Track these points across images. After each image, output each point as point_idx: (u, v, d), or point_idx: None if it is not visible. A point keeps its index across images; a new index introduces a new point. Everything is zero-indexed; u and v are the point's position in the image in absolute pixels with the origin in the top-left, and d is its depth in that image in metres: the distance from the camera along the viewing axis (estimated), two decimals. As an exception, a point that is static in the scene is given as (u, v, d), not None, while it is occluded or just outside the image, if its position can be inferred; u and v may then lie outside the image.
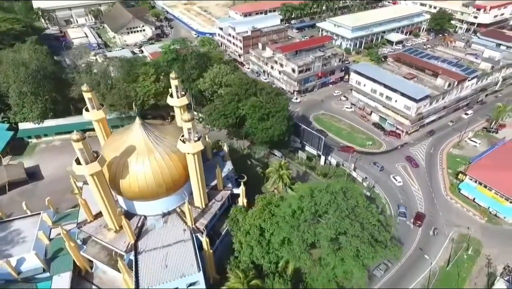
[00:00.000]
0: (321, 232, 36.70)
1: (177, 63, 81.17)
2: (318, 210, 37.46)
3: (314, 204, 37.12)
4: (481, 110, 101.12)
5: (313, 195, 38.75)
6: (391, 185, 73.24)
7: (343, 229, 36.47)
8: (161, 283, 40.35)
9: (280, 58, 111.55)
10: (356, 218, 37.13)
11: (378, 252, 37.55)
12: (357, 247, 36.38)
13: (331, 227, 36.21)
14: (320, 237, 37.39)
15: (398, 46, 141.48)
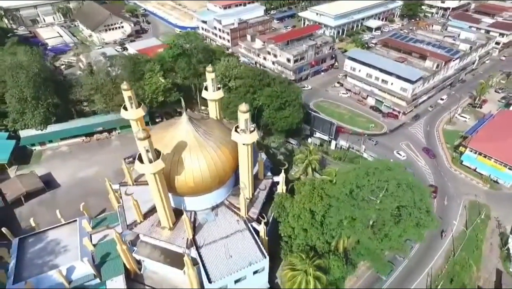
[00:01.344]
0: (384, 207, 39.45)
1: (183, 58, 79.89)
2: (378, 186, 40.05)
3: (376, 181, 39.64)
4: (462, 88, 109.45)
5: (368, 174, 41.27)
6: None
7: (405, 202, 39.49)
8: (231, 274, 41.17)
9: (273, 48, 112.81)
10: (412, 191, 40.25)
11: (433, 221, 41.18)
12: (417, 217, 39.67)
13: (394, 201, 39.12)
14: (381, 212, 40.14)
15: (377, 32, 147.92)
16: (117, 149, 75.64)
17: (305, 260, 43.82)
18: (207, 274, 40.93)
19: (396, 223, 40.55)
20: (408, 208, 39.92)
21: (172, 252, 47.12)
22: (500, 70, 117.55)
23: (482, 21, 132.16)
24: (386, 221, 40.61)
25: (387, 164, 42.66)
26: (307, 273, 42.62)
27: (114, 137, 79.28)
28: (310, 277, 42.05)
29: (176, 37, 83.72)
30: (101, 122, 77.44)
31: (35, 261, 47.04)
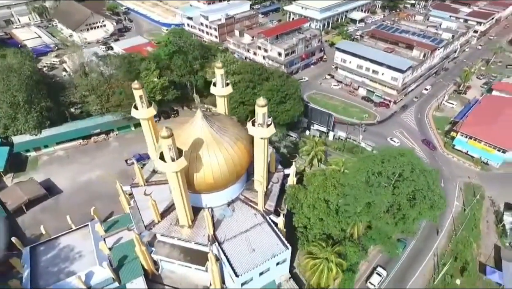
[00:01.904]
0: (401, 191, 41.18)
1: (179, 55, 78.92)
2: (394, 172, 41.66)
3: (392, 167, 41.22)
4: (446, 76, 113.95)
5: (384, 160, 42.83)
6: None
7: (420, 185, 41.33)
8: (256, 266, 41.79)
9: (263, 43, 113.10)
10: (424, 175, 42.18)
11: (445, 202, 43.43)
12: (431, 199, 41.67)
13: (410, 185, 40.91)
14: (397, 197, 41.87)
15: (360, 24, 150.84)
16: (117, 150, 74.24)
17: (325, 248, 45.07)
18: (233, 269, 41.32)
19: (412, 206, 42.41)
20: (423, 191, 41.83)
21: (192, 250, 47.24)
22: (479, 58, 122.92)
23: (460, 10, 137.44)
24: (402, 205, 42.36)
25: (400, 150, 44.34)
26: (328, 260, 43.92)
27: (112, 139, 77.64)
28: (332, 264, 43.36)
29: (170, 34, 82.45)
30: (98, 124, 75.55)
31: (50, 269, 45.95)
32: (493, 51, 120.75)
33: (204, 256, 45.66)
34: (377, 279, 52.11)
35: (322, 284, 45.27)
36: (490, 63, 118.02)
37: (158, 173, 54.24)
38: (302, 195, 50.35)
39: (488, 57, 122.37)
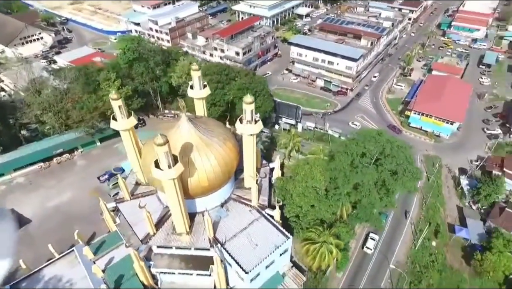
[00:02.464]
0: (385, 168, 44.68)
1: (139, 62, 76.02)
2: (377, 151, 44.98)
3: (374, 147, 44.45)
4: (391, 61, 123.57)
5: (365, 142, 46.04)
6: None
7: (400, 160, 45.15)
8: (263, 260, 42.49)
9: (219, 43, 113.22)
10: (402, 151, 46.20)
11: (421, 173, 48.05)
12: (411, 171, 45.80)
13: (392, 161, 44.50)
14: (382, 173, 45.34)
15: (307, 18, 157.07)
16: (85, 169, 69.66)
17: (323, 232, 47.23)
18: (241, 267, 41.60)
19: (395, 180, 46.22)
20: (403, 165, 45.79)
21: (192, 257, 46.51)
22: (415, 42, 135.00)
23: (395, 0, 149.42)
24: (386, 180, 45.96)
25: (377, 131, 47.96)
26: (327, 243, 46.11)
27: (78, 157, 72.60)
28: (331, 246, 45.62)
29: (128, 41, 78.99)
30: (59, 143, 70.08)
31: (39, 305, 42.32)
32: (427, 36, 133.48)
33: (206, 260, 45.39)
34: (372, 243, 57.12)
35: (323, 266, 47.41)
36: (426, 47, 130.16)
37: (143, 185, 52.34)
38: (291, 186, 51.96)
39: (422, 41, 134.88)
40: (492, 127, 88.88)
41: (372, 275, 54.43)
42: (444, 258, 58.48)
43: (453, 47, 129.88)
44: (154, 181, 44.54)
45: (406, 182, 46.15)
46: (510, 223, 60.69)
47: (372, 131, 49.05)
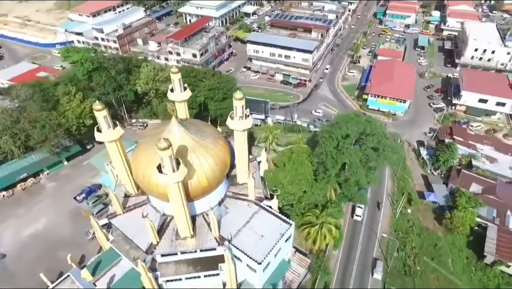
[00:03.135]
0: (368, 146, 48.54)
1: (100, 72, 72.09)
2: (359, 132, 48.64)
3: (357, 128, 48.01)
4: (339, 51, 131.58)
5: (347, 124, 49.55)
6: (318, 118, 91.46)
7: (381, 137, 49.35)
8: (272, 249, 43.75)
9: (174, 47, 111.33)
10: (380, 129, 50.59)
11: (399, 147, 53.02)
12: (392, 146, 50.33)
13: (374, 139, 48.45)
14: (366, 151, 49.19)
15: (254, 16, 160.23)
16: (57, 191, 64.61)
17: (320, 214, 49.85)
18: (252, 258, 42.48)
19: (378, 156, 50.47)
20: (383, 141, 50.17)
21: (198, 259, 46.03)
22: (357, 31, 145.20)
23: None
24: (370, 157, 49.99)
25: (354, 113, 51.84)
26: (326, 223, 48.87)
27: (45, 180, 66.93)
28: (330, 225, 48.45)
29: (85, 51, 74.42)
30: (21, 167, 64.02)
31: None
32: (367, 25, 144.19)
33: (213, 260, 45.43)
34: (360, 210, 62.78)
35: (323, 247, 50.15)
36: (367, 35, 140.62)
37: (132, 197, 50.46)
38: (281, 176, 53.87)
39: (364, 30, 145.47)
40: (436, 101, 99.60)
41: (363, 248, 58.59)
42: (419, 222, 64.84)
43: (391, 34, 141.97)
44: (151, 189, 43.42)
45: (389, 156, 50.67)
46: (467, 182, 69.14)
47: (350, 113, 52.91)
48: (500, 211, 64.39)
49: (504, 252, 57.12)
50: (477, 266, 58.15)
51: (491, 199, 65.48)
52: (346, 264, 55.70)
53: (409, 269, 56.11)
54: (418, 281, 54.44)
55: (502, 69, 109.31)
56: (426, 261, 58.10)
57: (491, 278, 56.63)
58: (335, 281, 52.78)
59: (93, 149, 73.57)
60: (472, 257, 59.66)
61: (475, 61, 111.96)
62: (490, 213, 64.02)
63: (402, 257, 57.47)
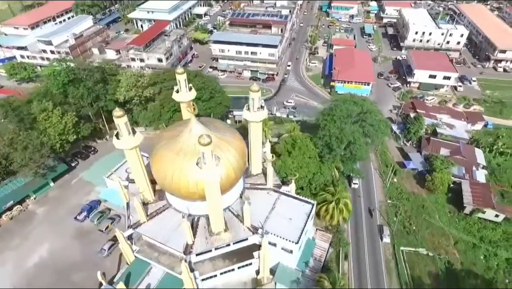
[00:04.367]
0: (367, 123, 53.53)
1: (77, 84, 67.80)
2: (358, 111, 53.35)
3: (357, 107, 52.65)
4: (296, 44, 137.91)
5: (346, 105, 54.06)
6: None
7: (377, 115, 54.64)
8: (303, 228, 46.35)
9: (136, 53, 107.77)
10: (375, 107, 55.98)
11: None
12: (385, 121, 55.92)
13: (373, 116, 53.52)
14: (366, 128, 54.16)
15: (206, 17, 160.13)
16: (50, 214, 59.85)
17: (336, 191, 53.72)
18: (288, 240, 44.71)
19: (375, 131, 55.79)
20: (380, 117, 55.61)
21: (230, 253, 46.93)
22: (308, 25, 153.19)
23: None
24: (370, 132, 55.10)
25: (350, 95, 56.61)
26: (342, 198, 52.89)
27: (33, 205, 61.48)
28: (346, 199, 52.56)
29: (57, 64, 69.14)
30: (5, 195, 58.08)
31: None
32: (317, 18, 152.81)
33: (247, 250, 46.77)
34: (356, 180, 67.98)
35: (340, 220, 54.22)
36: (319, 27, 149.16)
37: (151, 204, 49.41)
38: (290, 162, 56.73)
39: (313, 24, 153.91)
40: (392, 81, 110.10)
41: (367, 217, 64.01)
42: (406, 188, 72.33)
43: (339, 25, 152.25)
44: (180, 189, 43.22)
45: (385, 131, 56.35)
46: (437, 148, 78.61)
47: (346, 96, 57.54)
48: (468, 168, 74.54)
49: (479, 201, 66.52)
50: (459, 217, 66.84)
51: (458, 159, 75.41)
52: (357, 234, 60.56)
53: (408, 229, 62.77)
54: (419, 237, 61.20)
55: (439, 48, 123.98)
56: (418, 220, 65.32)
57: (472, 225, 65.58)
58: (352, 250, 57.24)
59: (78, 166, 69.20)
60: (454, 210, 68.38)
61: (416, 43, 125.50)
62: (460, 171, 73.66)
63: (401, 220, 63.96)
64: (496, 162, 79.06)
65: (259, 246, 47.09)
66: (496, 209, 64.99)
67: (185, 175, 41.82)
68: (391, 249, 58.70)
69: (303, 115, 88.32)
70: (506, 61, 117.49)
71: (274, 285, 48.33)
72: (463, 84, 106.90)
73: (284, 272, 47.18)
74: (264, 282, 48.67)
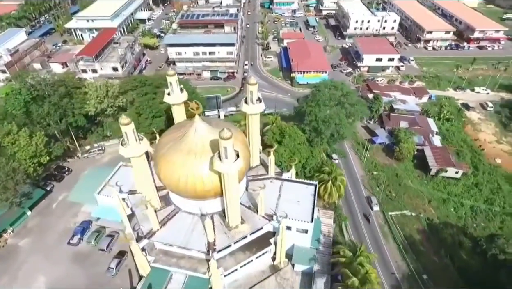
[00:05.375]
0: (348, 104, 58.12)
1: (39, 101, 62.11)
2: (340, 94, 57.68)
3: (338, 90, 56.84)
4: (248, 41, 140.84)
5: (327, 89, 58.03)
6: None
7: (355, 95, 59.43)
8: (313, 208, 49.09)
9: (88, 64, 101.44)
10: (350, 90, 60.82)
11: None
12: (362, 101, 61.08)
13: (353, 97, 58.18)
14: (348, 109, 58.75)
15: (150, 22, 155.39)
16: (37, 245, 54.24)
17: (330, 170, 57.42)
18: (303, 221, 47.12)
19: (356, 111, 60.74)
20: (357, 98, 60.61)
21: (248, 244, 47.95)
22: (255, 22, 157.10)
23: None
24: (351, 112, 59.89)
25: (329, 81, 60.75)
26: (337, 177, 56.83)
27: (12, 239, 55.30)
28: (342, 176, 56.61)
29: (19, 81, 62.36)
30: (-23, 233, 51.70)
31: None
32: (263, 14, 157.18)
33: (261, 240, 48.27)
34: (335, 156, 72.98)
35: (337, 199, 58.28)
36: (265, 23, 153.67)
37: (158, 211, 48.15)
38: (282, 150, 59.25)
39: (259, 20, 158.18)
40: (344, 67, 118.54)
41: (355, 191, 69.36)
42: (379, 161, 79.46)
43: (283, 20, 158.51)
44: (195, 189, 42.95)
45: (364, 110, 61.59)
46: (397, 122, 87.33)
47: (327, 81, 61.57)
48: (425, 136, 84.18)
49: (441, 162, 75.86)
50: (427, 179, 75.49)
51: (416, 129, 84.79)
52: (350, 208, 65.43)
53: (391, 196, 69.46)
54: (401, 202, 68.13)
55: (377, 34, 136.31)
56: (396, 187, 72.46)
57: (438, 184, 74.55)
58: (350, 223, 61.85)
59: (54, 189, 63.88)
60: (421, 174, 76.97)
61: (357, 31, 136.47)
62: (420, 139, 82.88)
63: (383, 189, 70.41)
64: (445, 128, 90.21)
65: (273, 233, 49.00)
66: (455, 167, 74.78)
67: (200, 174, 41.87)
68: (381, 216, 64.54)
69: (274, 108, 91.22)
70: (433, 40, 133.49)
71: (292, 268, 50.45)
72: (404, 64, 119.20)
73: (301, 253, 49.53)
74: (281, 267, 50.53)
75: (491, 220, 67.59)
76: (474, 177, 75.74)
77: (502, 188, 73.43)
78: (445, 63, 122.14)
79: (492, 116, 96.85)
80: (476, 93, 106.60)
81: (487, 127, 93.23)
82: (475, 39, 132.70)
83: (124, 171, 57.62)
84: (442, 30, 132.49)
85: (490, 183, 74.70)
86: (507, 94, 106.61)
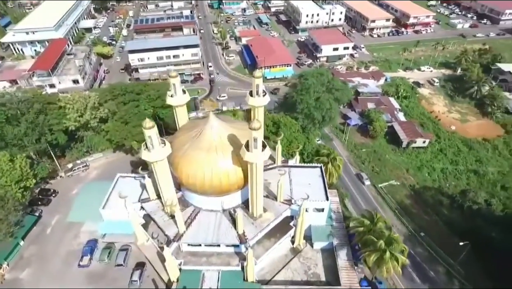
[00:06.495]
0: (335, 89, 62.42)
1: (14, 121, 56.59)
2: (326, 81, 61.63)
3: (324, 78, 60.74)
4: (205, 41, 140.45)
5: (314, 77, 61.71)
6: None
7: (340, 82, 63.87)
8: (325, 187, 52.28)
9: (44, 79, 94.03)
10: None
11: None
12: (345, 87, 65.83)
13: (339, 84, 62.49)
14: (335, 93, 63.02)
15: (96, 30, 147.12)
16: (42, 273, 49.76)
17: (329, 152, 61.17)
18: (320, 200, 50.04)
19: (342, 95, 65.35)
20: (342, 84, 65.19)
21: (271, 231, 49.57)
22: (207, 23, 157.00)
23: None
24: (338, 96, 64.33)
25: (318, 70, 64.51)
26: (336, 157, 60.84)
27: (10, 273, 49.99)
28: (339, 156, 60.71)
29: None
30: (-28, 273, 46.00)
31: None
32: (215, 14, 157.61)
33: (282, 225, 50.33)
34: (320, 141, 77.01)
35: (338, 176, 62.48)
36: (219, 23, 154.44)
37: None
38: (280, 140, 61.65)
39: (212, 20, 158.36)
40: (305, 59, 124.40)
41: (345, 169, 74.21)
42: (356, 141, 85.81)
43: (235, 18, 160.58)
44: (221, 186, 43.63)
45: (349, 94, 66.33)
46: (365, 104, 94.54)
47: (314, 70, 65.16)
48: (391, 113, 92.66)
49: (410, 134, 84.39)
50: (400, 151, 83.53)
51: (383, 108, 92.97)
52: (345, 186, 70.17)
53: (375, 170, 75.81)
54: (386, 174, 74.77)
55: (327, 26, 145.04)
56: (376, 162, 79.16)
57: (410, 154, 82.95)
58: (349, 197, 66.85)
59: (43, 213, 58.95)
60: (394, 148, 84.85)
61: (309, 24, 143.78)
62: (387, 117, 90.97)
63: (367, 165, 76.50)
64: (404, 105, 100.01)
65: (291, 217, 51.25)
66: (423, 137, 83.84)
67: (224, 168, 42.60)
68: (373, 189, 70.29)
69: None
70: (377, 28, 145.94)
71: (311, 247, 53.16)
72: (357, 51, 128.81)
73: (319, 231, 52.43)
74: (301, 248, 53.01)
75: (459, 179, 77.28)
76: (438, 144, 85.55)
77: (462, 150, 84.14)
78: (390, 48, 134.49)
79: (439, 90, 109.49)
80: (422, 72, 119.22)
81: (438, 100, 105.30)
82: (411, 24, 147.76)
83: (123, 182, 55.61)
84: (383, 18, 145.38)
85: (451, 147, 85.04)
86: (447, 70, 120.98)
